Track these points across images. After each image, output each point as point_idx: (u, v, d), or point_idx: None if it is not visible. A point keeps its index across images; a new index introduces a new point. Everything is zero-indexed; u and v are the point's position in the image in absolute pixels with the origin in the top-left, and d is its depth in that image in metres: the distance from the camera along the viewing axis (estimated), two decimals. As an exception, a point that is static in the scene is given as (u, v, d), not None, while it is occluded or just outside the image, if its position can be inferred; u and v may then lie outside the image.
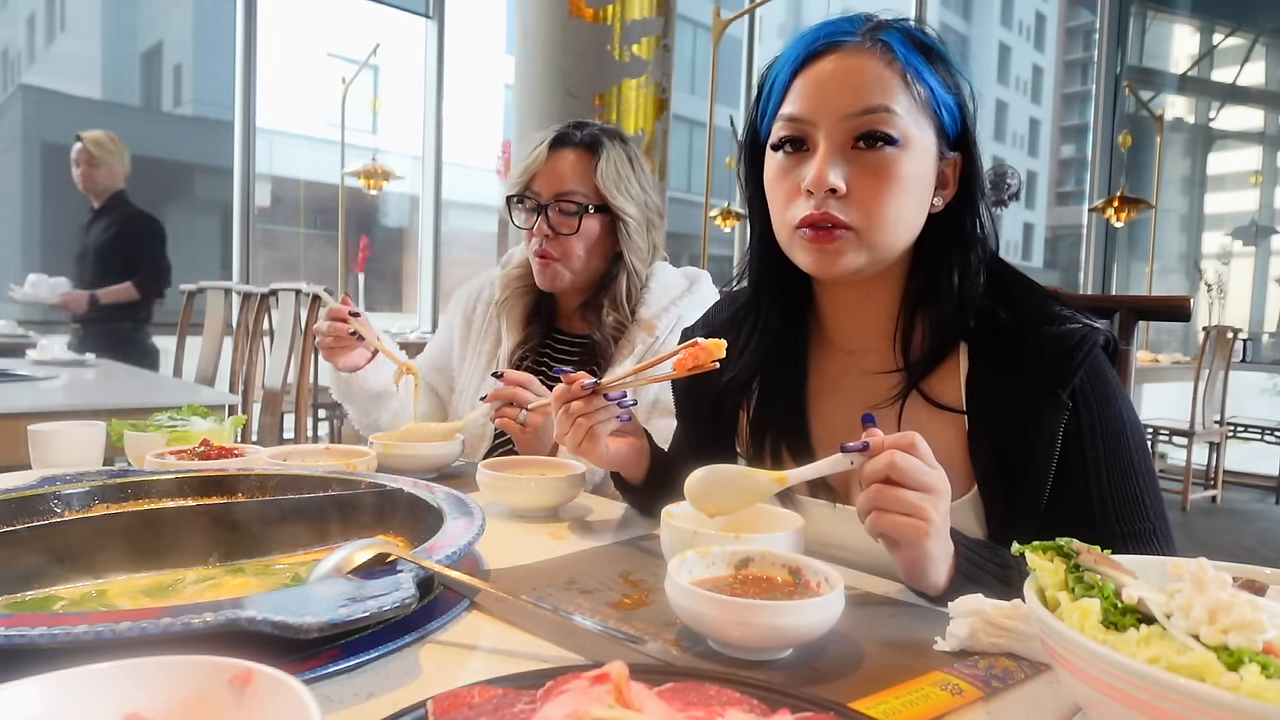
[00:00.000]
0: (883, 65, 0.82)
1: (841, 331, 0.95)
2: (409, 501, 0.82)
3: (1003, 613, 0.61)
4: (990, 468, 0.83)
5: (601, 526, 0.98)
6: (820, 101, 0.82)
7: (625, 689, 0.39)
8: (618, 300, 1.44)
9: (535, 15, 3.19)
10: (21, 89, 6.94)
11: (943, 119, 0.84)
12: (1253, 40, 9.38)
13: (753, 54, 8.03)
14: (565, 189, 1.41)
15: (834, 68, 0.83)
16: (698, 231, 4.70)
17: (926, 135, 0.83)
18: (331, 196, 6.18)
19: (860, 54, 0.82)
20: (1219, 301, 7.17)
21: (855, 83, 0.81)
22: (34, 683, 0.38)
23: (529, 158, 1.43)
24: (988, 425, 0.84)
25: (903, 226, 0.84)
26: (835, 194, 0.81)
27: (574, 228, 1.41)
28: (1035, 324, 0.85)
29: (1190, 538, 4.42)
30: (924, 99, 0.83)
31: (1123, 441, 0.83)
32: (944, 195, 0.88)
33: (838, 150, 0.82)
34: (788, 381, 0.96)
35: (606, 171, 1.42)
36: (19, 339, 3.65)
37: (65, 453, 1.12)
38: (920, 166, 0.83)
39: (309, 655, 0.55)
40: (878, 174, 0.81)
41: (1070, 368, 0.81)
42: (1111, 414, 0.83)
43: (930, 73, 0.83)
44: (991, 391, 0.84)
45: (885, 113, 0.80)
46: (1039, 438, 0.81)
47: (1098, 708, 0.45)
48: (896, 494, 0.69)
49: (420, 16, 6.71)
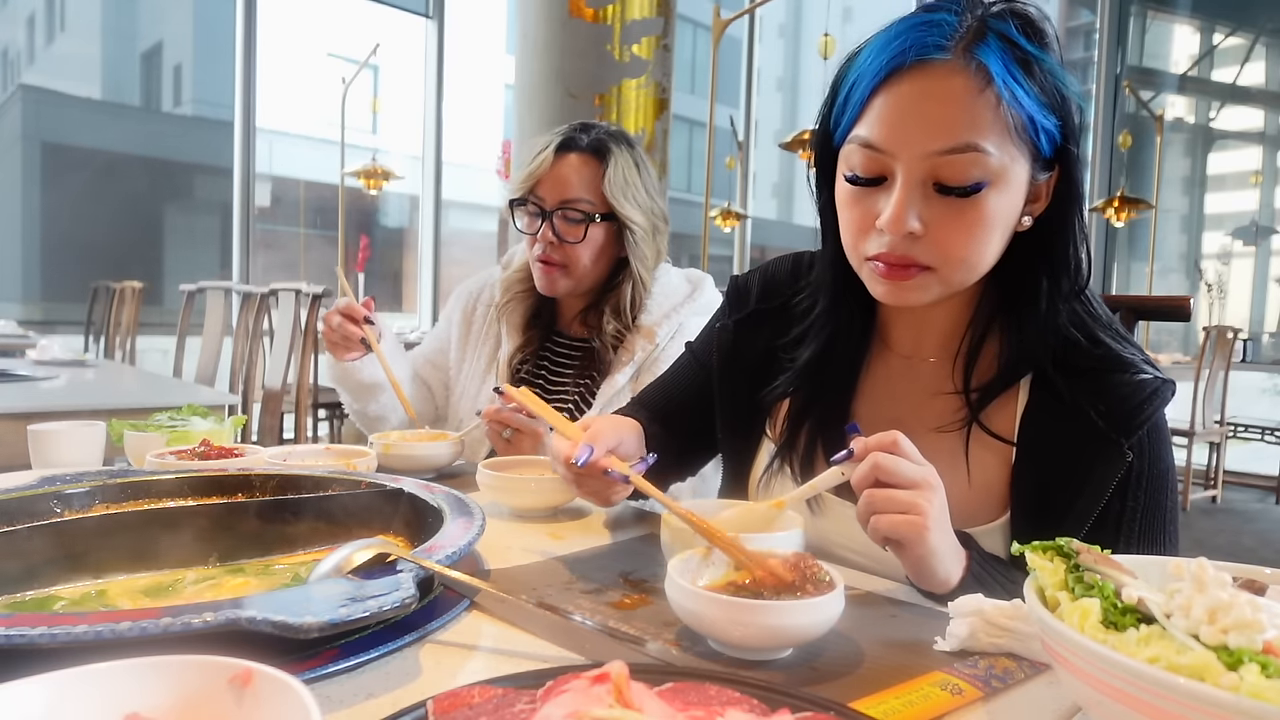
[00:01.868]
0: (976, 91, 0.72)
1: (904, 342, 0.91)
2: (409, 501, 0.82)
3: (1003, 613, 0.61)
4: (1029, 501, 0.81)
5: (601, 526, 0.98)
6: (902, 133, 0.74)
7: (625, 689, 0.39)
8: (620, 308, 1.43)
9: (535, 15, 3.19)
10: (21, 89, 6.94)
11: (1040, 144, 0.75)
12: (1253, 40, 9.37)
13: (753, 54, 8.03)
14: (571, 196, 1.38)
15: (920, 93, 0.73)
16: (698, 232, 4.70)
17: (1019, 166, 0.75)
18: (331, 196, 6.19)
19: (951, 78, 0.72)
20: (1219, 301, 7.17)
21: (942, 115, 0.72)
22: (34, 683, 0.38)
23: (533, 162, 1.40)
24: (1035, 461, 0.81)
25: (984, 263, 0.78)
26: (913, 236, 0.75)
27: (579, 236, 1.38)
28: (1108, 368, 0.80)
29: (1190, 538, 4.42)
30: (1020, 125, 0.73)
31: (1162, 498, 0.81)
32: (1033, 211, 0.79)
33: (917, 187, 0.74)
34: (838, 381, 0.92)
35: (614, 179, 1.38)
36: (19, 339, 3.65)
37: (65, 453, 1.12)
38: (1009, 201, 0.76)
39: (309, 655, 0.55)
40: (961, 216, 0.74)
41: (1138, 421, 0.78)
42: (1160, 470, 0.81)
43: (1029, 94, 0.73)
44: (1048, 429, 0.80)
45: (974, 152, 0.72)
46: (1088, 482, 0.79)
47: (1098, 708, 0.45)
48: (888, 494, 0.69)
49: (420, 16, 6.71)
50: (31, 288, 6.55)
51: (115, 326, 4.57)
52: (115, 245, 6.73)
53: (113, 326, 4.61)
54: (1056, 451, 0.80)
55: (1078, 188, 0.79)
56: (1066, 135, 0.77)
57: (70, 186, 6.61)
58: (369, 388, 1.46)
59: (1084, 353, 0.81)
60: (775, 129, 12.19)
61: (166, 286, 6.18)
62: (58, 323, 5.85)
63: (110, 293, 4.75)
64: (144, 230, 6.96)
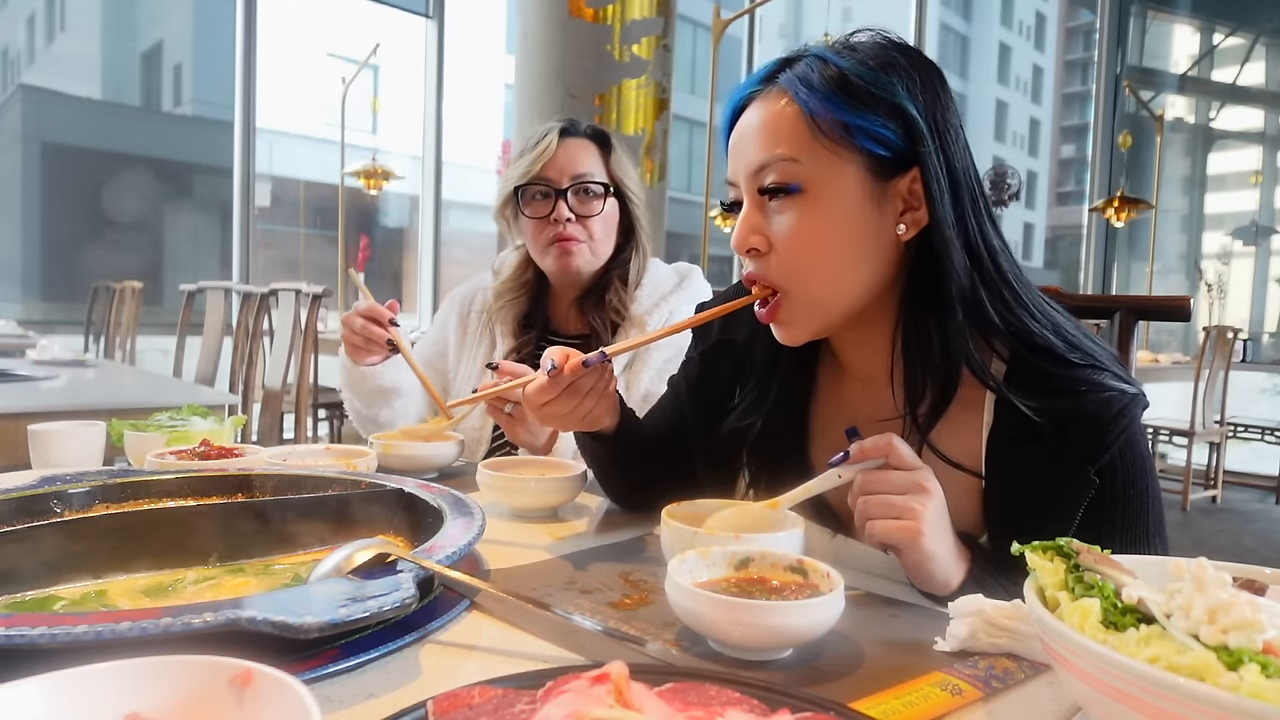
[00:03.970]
0: (778, 112, 0.78)
1: (852, 361, 0.92)
2: (409, 501, 0.82)
3: (1003, 613, 0.61)
4: (1003, 524, 0.80)
5: (601, 526, 0.98)
6: (737, 160, 0.82)
7: (625, 689, 0.39)
8: (626, 280, 1.47)
9: (535, 15, 3.19)
10: (21, 89, 6.94)
11: (867, 146, 0.76)
12: (1253, 40, 9.38)
13: (753, 54, 8.03)
14: (581, 171, 1.43)
15: (745, 123, 0.82)
16: (698, 232, 4.70)
17: (844, 171, 0.77)
18: (331, 196, 6.18)
19: (765, 104, 0.80)
20: (1219, 301, 7.17)
21: (757, 136, 0.79)
22: (34, 683, 0.38)
23: (538, 146, 1.43)
24: (1005, 484, 0.80)
25: (839, 277, 0.79)
26: (759, 253, 0.80)
27: (598, 209, 1.44)
28: (1064, 390, 0.77)
29: (1190, 538, 4.42)
30: (832, 132, 0.76)
31: (1142, 515, 0.79)
32: (915, 219, 0.79)
33: (754, 209, 0.80)
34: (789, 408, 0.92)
35: (618, 160, 1.47)
36: (19, 339, 3.65)
37: (65, 453, 1.12)
38: (841, 208, 0.77)
39: (309, 655, 0.55)
40: (789, 226, 0.78)
41: (1104, 444, 0.76)
42: (1137, 489, 0.78)
43: (841, 104, 0.76)
44: (1014, 455, 0.79)
45: (782, 162, 0.77)
46: (1059, 506, 0.77)
47: (1098, 708, 0.45)
48: (882, 500, 0.71)
49: (420, 16, 6.71)
50: (31, 288, 6.55)
51: (115, 326, 4.57)
52: (115, 245, 6.73)
53: (113, 326, 4.61)
54: (1024, 474, 0.78)
55: (941, 182, 0.77)
56: (912, 136, 0.77)
57: (70, 186, 6.61)
58: (386, 392, 1.46)
59: (1044, 371, 0.78)
60: (775, 129, 12.15)
61: (166, 286, 6.18)
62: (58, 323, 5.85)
63: (110, 293, 4.75)
64: (144, 230, 6.96)
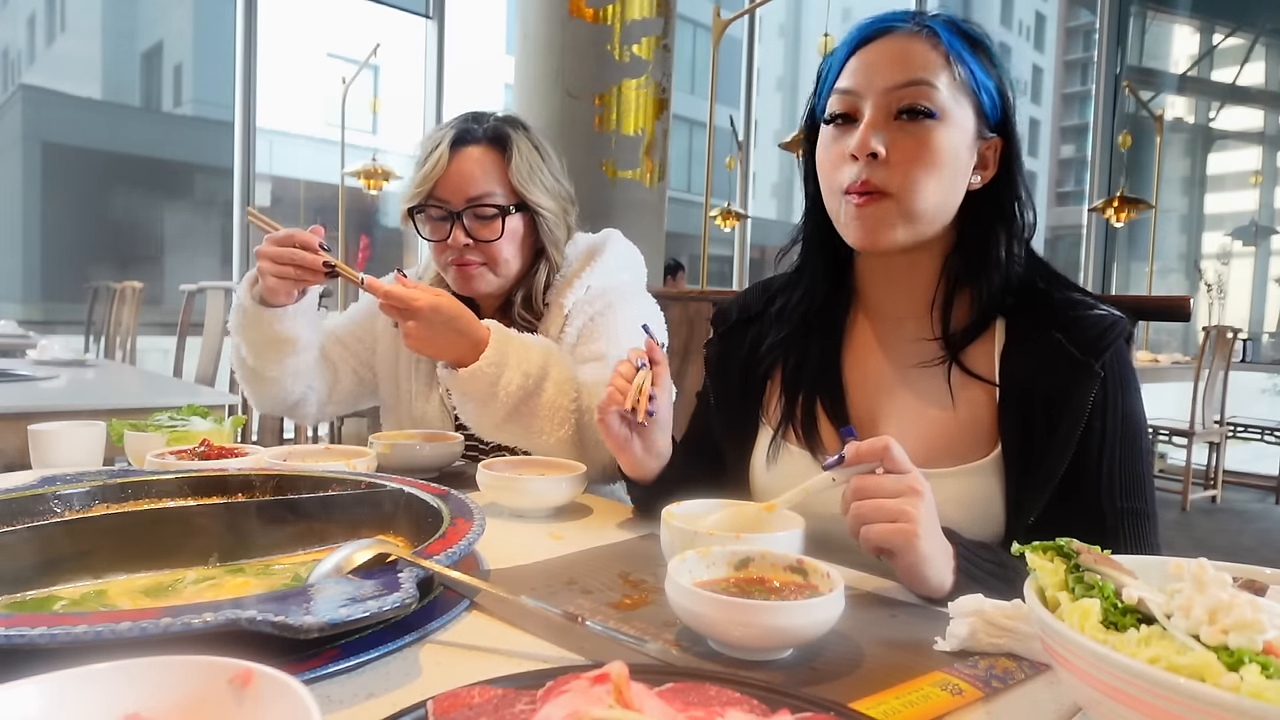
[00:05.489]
0: (928, 47, 0.88)
1: (882, 302, 0.99)
2: (409, 501, 0.82)
3: (1003, 613, 0.61)
4: (1016, 434, 0.87)
5: (601, 526, 0.98)
6: (868, 76, 0.89)
7: (625, 689, 0.39)
8: (534, 294, 1.37)
9: (535, 15, 3.19)
10: (21, 89, 6.95)
11: (982, 100, 0.89)
12: (1253, 40, 9.38)
13: (753, 54, 8.03)
14: (477, 192, 1.29)
15: (883, 48, 0.90)
16: (698, 232, 4.70)
17: (965, 113, 0.88)
18: (331, 196, 6.18)
19: (908, 37, 0.89)
20: (1219, 301, 7.17)
21: (900, 60, 0.88)
22: (34, 683, 0.38)
23: (427, 164, 1.29)
24: (1018, 395, 0.88)
25: (939, 196, 0.88)
26: (876, 159, 0.87)
27: (497, 232, 1.30)
28: (1068, 307, 0.90)
29: (1190, 538, 4.42)
30: (964, 80, 0.88)
31: (1135, 424, 0.88)
32: (984, 175, 0.92)
33: (881, 121, 0.88)
34: (823, 343, 1.00)
35: (519, 167, 1.30)
36: (19, 339, 3.65)
37: (65, 453, 1.12)
38: (957, 141, 0.88)
39: (309, 655, 0.55)
40: (917, 143, 0.86)
41: (1104, 345, 0.86)
42: (1130, 398, 0.88)
43: (972, 57, 0.89)
44: (1025, 365, 0.89)
45: (925, 86, 0.86)
46: (1068, 406, 0.85)
47: (1098, 708, 0.45)
48: (876, 504, 0.72)
49: (420, 16, 6.71)
50: (31, 288, 6.55)
51: (115, 326, 4.57)
52: (115, 245, 6.73)
53: (113, 326, 4.61)
54: (1035, 381, 0.88)
55: (1019, 155, 0.93)
56: (1006, 110, 0.92)
57: (70, 186, 6.61)
58: (282, 343, 1.31)
59: (1048, 296, 0.91)
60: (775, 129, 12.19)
61: (166, 286, 6.18)
62: (58, 323, 5.85)
63: (110, 293, 4.74)
64: (144, 230, 6.96)
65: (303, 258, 1.18)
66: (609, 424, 0.94)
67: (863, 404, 0.97)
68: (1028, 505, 0.86)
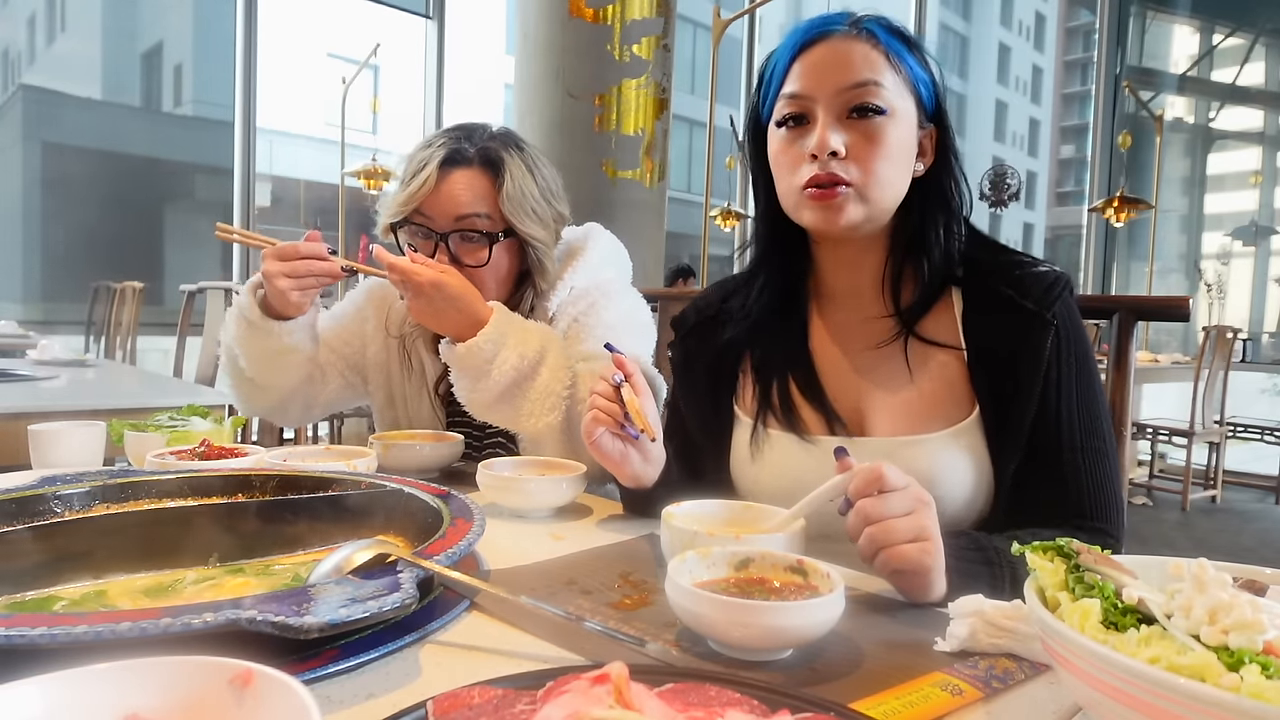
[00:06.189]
0: (869, 47, 0.94)
1: (840, 286, 1.05)
2: (409, 501, 0.82)
3: (1003, 613, 0.61)
4: (988, 391, 0.94)
5: (601, 526, 0.98)
6: (818, 79, 0.94)
7: (625, 689, 0.39)
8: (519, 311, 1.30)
9: (535, 15, 3.19)
10: (22, 89, 6.94)
11: (921, 93, 0.96)
12: (1253, 40, 9.38)
13: (753, 54, 8.03)
14: (465, 213, 1.25)
15: (827, 51, 0.94)
16: (698, 232, 4.70)
17: (908, 106, 0.95)
18: (331, 196, 6.19)
19: (848, 39, 0.94)
20: (1219, 301, 7.17)
21: (847, 62, 0.93)
22: (34, 683, 0.38)
23: (414, 183, 1.24)
24: (984, 354, 0.95)
25: (893, 185, 0.95)
26: (836, 156, 0.92)
27: (482, 259, 1.26)
28: (1014, 267, 0.98)
29: (1190, 538, 4.42)
30: (905, 76, 0.95)
31: (1088, 366, 0.94)
32: (924, 162, 0.99)
33: (835, 120, 0.93)
34: (789, 330, 1.05)
35: (511, 193, 1.26)
36: (19, 339, 3.64)
37: (65, 453, 1.12)
38: (904, 134, 0.94)
39: (309, 655, 0.55)
40: (871, 138, 0.92)
41: (1053, 296, 0.94)
42: (1081, 341, 0.95)
43: (908, 54, 0.96)
44: (984, 325, 0.96)
45: (874, 85, 0.92)
46: (1026, 355, 0.92)
47: (1098, 708, 0.45)
48: (889, 527, 0.70)
49: (420, 16, 6.71)
50: (31, 288, 6.55)
51: (115, 326, 4.57)
52: (115, 245, 6.73)
53: (113, 326, 4.61)
54: (997, 339, 0.94)
55: (953, 142, 1.00)
56: (939, 101, 0.99)
57: (70, 186, 6.61)
58: (286, 352, 1.30)
59: (994, 262, 0.99)
60: (775, 129, 12.16)
61: (166, 286, 6.18)
62: (58, 323, 5.85)
63: (110, 293, 4.74)
64: (144, 230, 6.95)
65: (320, 267, 1.21)
66: (601, 444, 0.92)
67: (836, 384, 1.01)
68: (1008, 457, 0.91)
